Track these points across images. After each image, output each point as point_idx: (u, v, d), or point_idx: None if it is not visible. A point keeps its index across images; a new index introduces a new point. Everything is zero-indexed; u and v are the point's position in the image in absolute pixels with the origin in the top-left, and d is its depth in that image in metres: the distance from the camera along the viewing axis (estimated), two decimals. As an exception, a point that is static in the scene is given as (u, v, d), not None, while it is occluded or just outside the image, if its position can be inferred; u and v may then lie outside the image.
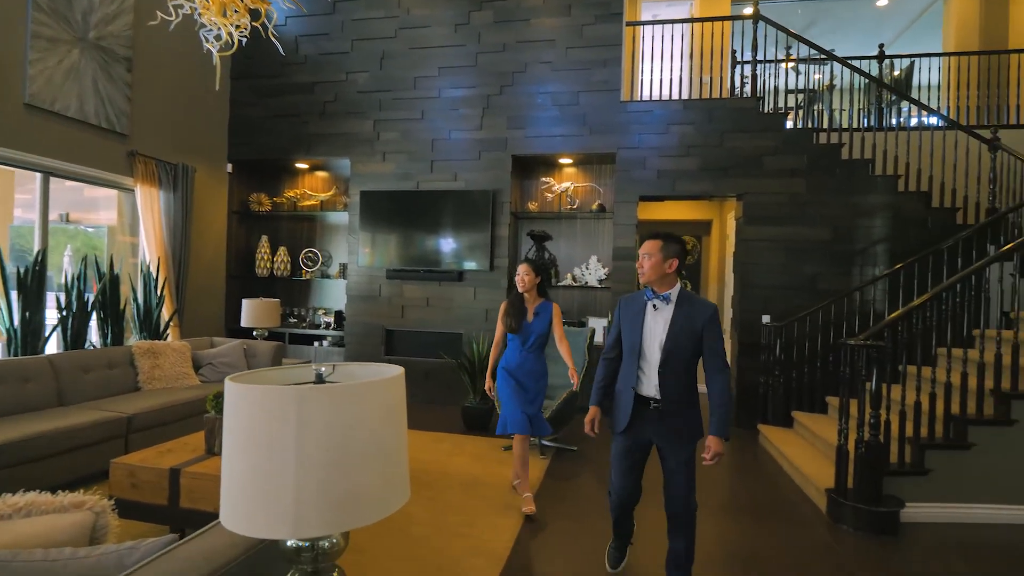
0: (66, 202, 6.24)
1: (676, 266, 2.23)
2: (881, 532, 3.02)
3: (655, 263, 2.22)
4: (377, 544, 2.72)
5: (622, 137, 5.52)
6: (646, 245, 2.26)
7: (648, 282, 2.26)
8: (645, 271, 2.24)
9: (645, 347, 2.24)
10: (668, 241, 2.23)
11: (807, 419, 4.49)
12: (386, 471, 1.05)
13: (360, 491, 1.00)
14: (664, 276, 2.23)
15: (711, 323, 2.17)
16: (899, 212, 5.04)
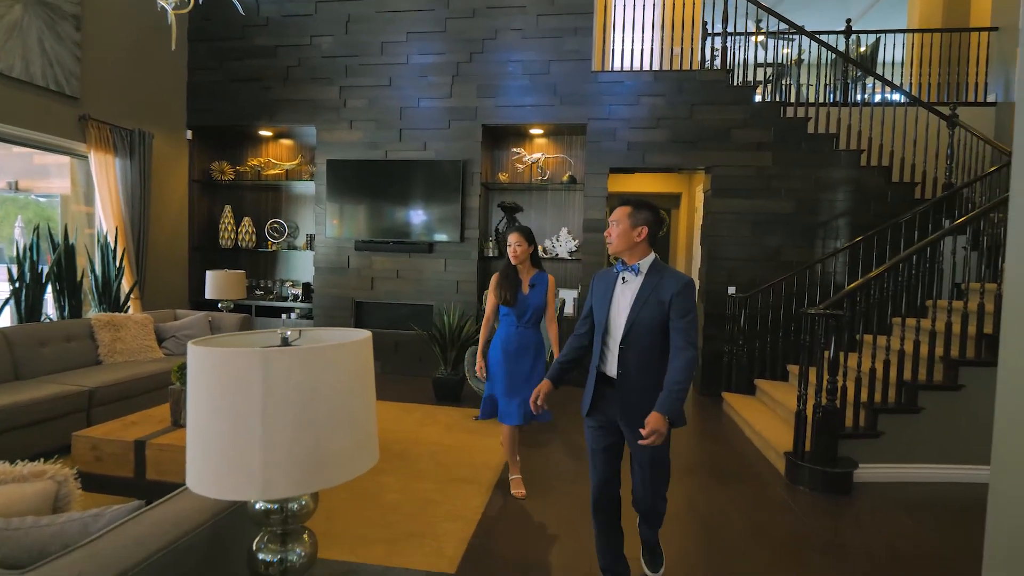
0: (14, 170, 5.92)
1: (646, 235, 2.02)
2: (835, 492, 3.18)
3: (623, 231, 2.02)
4: (350, 512, 2.74)
5: (593, 108, 5.50)
6: (614, 213, 2.08)
7: (616, 252, 2.08)
8: (612, 240, 2.06)
9: (611, 322, 2.05)
10: (637, 208, 2.04)
11: (769, 386, 4.65)
12: (354, 432, 1.06)
13: (328, 452, 1.01)
14: (634, 246, 2.03)
15: (679, 297, 1.93)
16: (861, 186, 5.17)
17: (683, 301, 1.94)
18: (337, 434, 1.02)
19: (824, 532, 2.76)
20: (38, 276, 4.18)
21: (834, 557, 2.53)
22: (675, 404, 1.89)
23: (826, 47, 5.21)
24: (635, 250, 2.05)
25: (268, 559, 1.04)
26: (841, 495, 3.18)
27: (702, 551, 2.55)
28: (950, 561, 2.51)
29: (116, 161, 5.32)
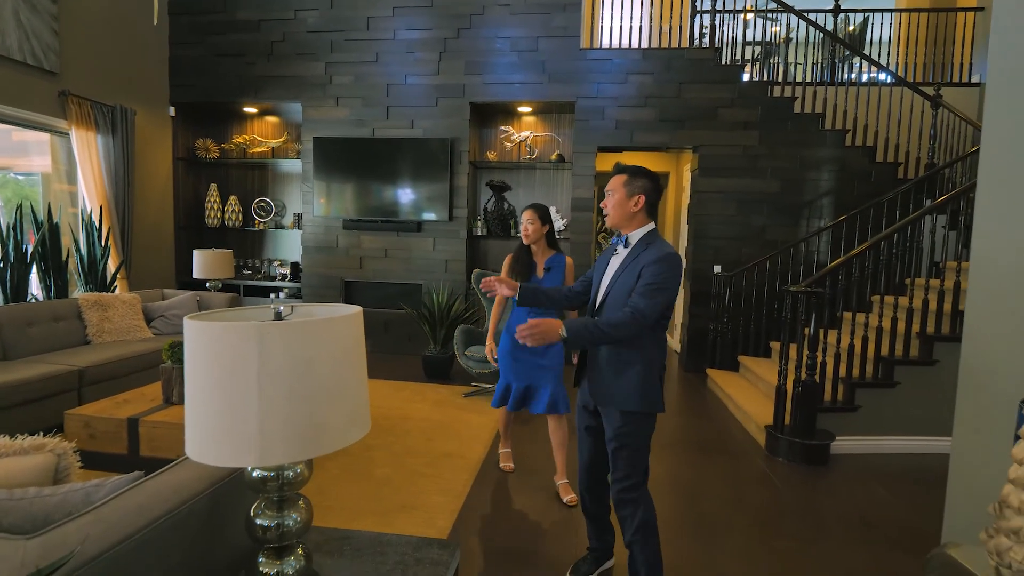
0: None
1: (643, 204, 1.88)
2: (813, 463, 3.29)
3: (618, 201, 1.89)
4: (341, 486, 2.80)
5: (581, 86, 5.48)
6: (610, 182, 1.94)
7: (613, 224, 1.94)
8: (608, 211, 1.93)
9: (597, 296, 1.98)
10: (633, 175, 1.89)
11: (752, 363, 4.75)
12: (347, 402, 1.10)
13: (322, 421, 1.05)
14: (631, 216, 1.89)
15: (650, 266, 1.78)
16: (845, 166, 5.24)
17: (652, 271, 1.78)
18: (330, 404, 1.07)
19: (801, 500, 2.87)
20: (23, 255, 4.15)
21: (810, 523, 2.63)
22: (581, 331, 1.76)
23: (814, 26, 5.22)
24: (632, 221, 1.90)
25: (266, 524, 1.09)
26: (818, 466, 3.29)
27: (684, 519, 2.64)
28: (919, 527, 2.63)
29: (98, 138, 5.23)
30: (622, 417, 1.87)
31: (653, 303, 1.76)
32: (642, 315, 1.75)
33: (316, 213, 5.96)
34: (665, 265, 1.78)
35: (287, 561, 1.11)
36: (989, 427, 1.74)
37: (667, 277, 1.78)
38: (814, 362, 3.32)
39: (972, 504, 1.69)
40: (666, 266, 1.78)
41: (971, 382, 1.73)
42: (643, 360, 1.85)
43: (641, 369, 1.84)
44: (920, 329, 3.54)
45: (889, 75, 5.24)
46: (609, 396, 1.89)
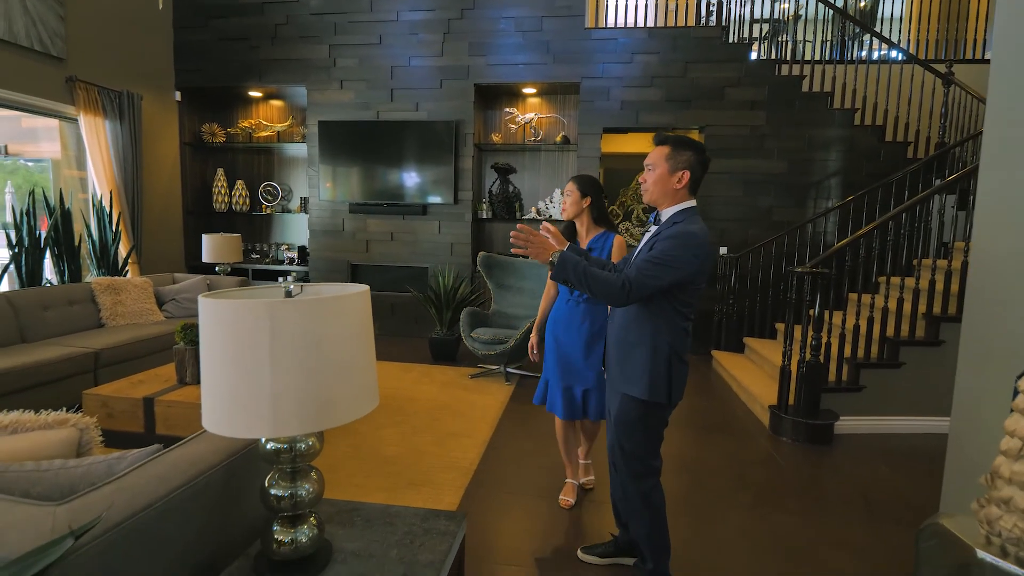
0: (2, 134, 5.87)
1: (687, 181, 1.71)
2: (817, 442, 3.33)
3: (659, 176, 1.73)
4: (350, 463, 2.86)
5: (586, 66, 5.44)
6: (650, 155, 1.76)
7: (652, 200, 1.78)
8: (648, 187, 1.76)
9: None
10: (678, 147, 1.71)
11: (757, 344, 4.77)
12: (355, 377, 1.14)
13: (332, 395, 1.09)
14: (672, 193, 1.74)
15: (662, 241, 1.66)
16: (854, 145, 5.19)
17: (662, 246, 1.65)
18: (340, 379, 1.10)
19: (803, 479, 2.91)
20: (36, 240, 4.21)
21: (811, 500, 2.68)
22: (568, 265, 1.66)
23: (825, 3, 5.14)
24: (673, 198, 1.75)
25: (280, 494, 1.13)
26: (822, 445, 3.33)
27: (688, 497, 2.69)
28: (920, 504, 2.66)
29: (106, 124, 5.27)
30: (624, 401, 1.80)
31: (646, 276, 1.63)
32: (630, 286, 1.62)
33: (322, 197, 5.99)
34: (677, 242, 1.64)
35: (300, 529, 1.16)
36: (987, 402, 1.76)
37: (675, 256, 1.63)
38: (819, 343, 3.33)
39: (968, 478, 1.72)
40: (678, 243, 1.63)
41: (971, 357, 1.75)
42: (650, 344, 1.74)
43: (646, 353, 1.74)
44: (927, 310, 3.54)
45: (900, 52, 5.16)
46: (614, 377, 1.86)
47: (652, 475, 1.86)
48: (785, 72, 5.33)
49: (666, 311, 1.73)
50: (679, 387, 1.79)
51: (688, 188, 1.75)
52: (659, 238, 1.71)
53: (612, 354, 1.88)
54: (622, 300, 1.67)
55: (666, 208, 1.78)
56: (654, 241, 1.72)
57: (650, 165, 1.78)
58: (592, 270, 1.68)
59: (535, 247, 1.71)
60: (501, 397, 4.04)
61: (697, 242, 1.66)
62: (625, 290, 1.64)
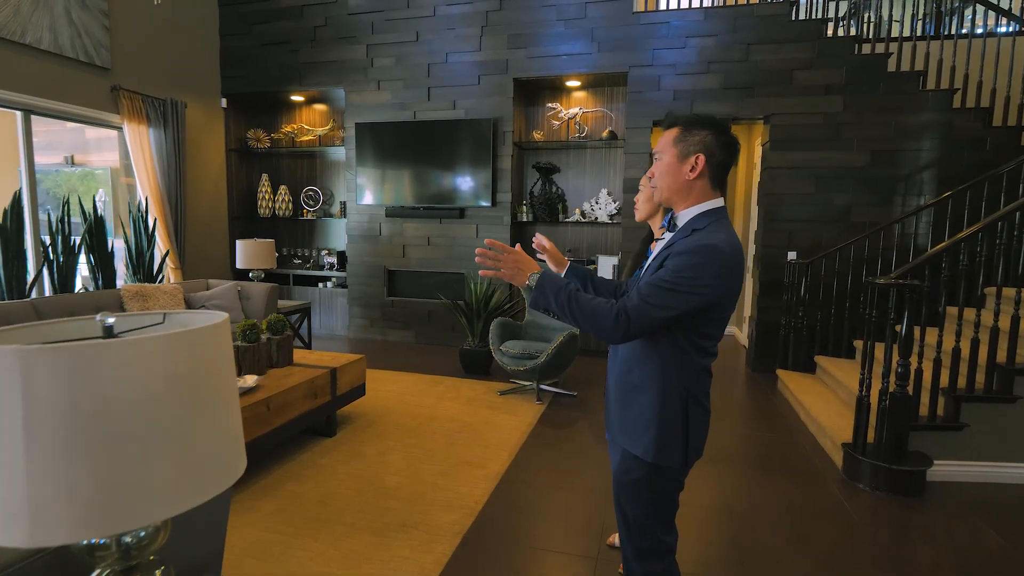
0: (69, 144, 6.10)
1: (702, 167, 1.30)
2: (903, 492, 2.72)
3: (667, 166, 1.34)
4: (345, 494, 2.57)
5: (634, 54, 4.96)
6: (658, 141, 1.38)
7: (664, 201, 1.39)
8: (656, 182, 1.39)
9: None
10: (688, 128, 1.32)
11: (831, 364, 4.12)
12: (181, 453, 0.79)
13: (133, 483, 0.74)
14: (686, 188, 1.32)
15: (676, 256, 1.25)
16: (952, 132, 4.42)
17: (675, 264, 1.24)
18: (152, 456, 0.76)
19: (884, 541, 2.34)
20: (70, 247, 4.23)
21: (895, 570, 2.12)
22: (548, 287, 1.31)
23: (914, -32, 4.42)
24: (687, 195, 1.33)
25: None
26: (910, 496, 2.71)
27: (731, 557, 2.20)
28: (1046, 587, 2.05)
29: (150, 131, 5.32)
30: (625, 458, 1.40)
31: (650, 306, 1.23)
32: (627, 318, 1.24)
33: (360, 201, 5.82)
34: (693, 259, 1.22)
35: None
36: None
37: (688, 278, 1.22)
38: (906, 370, 2.73)
39: None
40: (694, 260, 1.22)
41: None
42: (658, 388, 1.32)
43: (653, 401, 1.32)
44: (1050, 329, 2.84)
45: (1013, 21, 4.35)
46: (612, 424, 1.46)
47: (663, 555, 1.41)
48: (867, 51, 4.64)
49: (680, 344, 1.31)
50: (698, 443, 1.36)
51: (709, 180, 1.31)
52: (672, 251, 1.28)
53: (611, 394, 1.49)
54: (618, 336, 1.26)
55: (683, 209, 1.35)
56: (665, 255, 1.30)
57: (658, 153, 1.37)
58: (580, 296, 1.30)
59: (508, 266, 1.36)
60: (528, 418, 3.65)
61: (721, 259, 1.22)
62: (620, 323, 1.25)
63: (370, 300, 5.97)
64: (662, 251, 1.34)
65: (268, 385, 2.85)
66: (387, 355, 5.30)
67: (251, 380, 2.73)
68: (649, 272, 1.33)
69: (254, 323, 2.99)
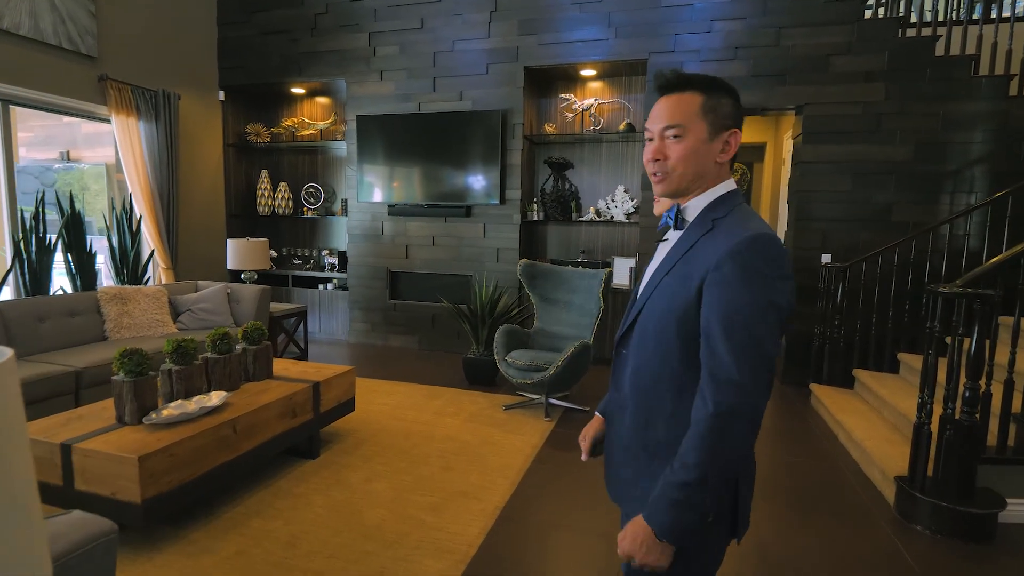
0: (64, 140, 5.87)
1: (736, 148, 1.02)
2: (970, 538, 2.31)
3: (693, 147, 0.99)
4: (320, 534, 2.23)
5: (655, 40, 4.58)
6: (665, 108, 1.00)
7: (675, 191, 1.04)
8: (671, 166, 1.01)
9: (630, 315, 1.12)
10: (713, 94, 0.99)
11: (872, 380, 3.71)
12: None
13: None
14: (715, 171, 1.02)
15: (722, 269, 0.91)
16: (1008, 122, 3.99)
17: (729, 281, 0.90)
18: None
19: (956, 604, 1.95)
20: (45, 246, 3.96)
21: (975, 652, 1.73)
22: (673, 511, 0.91)
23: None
24: (708, 179, 1.02)
25: None
26: (978, 543, 2.31)
27: (772, 626, 1.82)
28: None
29: (140, 124, 5.05)
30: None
31: (753, 358, 0.88)
32: (746, 395, 0.88)
33: (361, 198, 5.51)
34: (755, 260, 0.89)
35: None
36: None
37: (762, 289, 0.89)
38: (975, 394, 2.32)
39: None
40: (757, 262, 0.89)
41: None
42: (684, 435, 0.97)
43: None
44: None
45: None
46: (620, 491, 1.11)
47: None
48: (911, 34, 4.21)
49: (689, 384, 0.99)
50: (746, 511, 1.02)
51: (729, 161, 1.04)
52: (712, 257, 0.93)
53: (617, 451, 1.11)
54: (739, 436, 0.90)
55: (696, 197, 1.04)
56: (700, 266, 0.95)
57: (676, 126, 0.99)
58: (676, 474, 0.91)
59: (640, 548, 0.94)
60: (534, 439, 3.29)
61: (778, 250, 0.92)
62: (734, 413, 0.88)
63: (371, 303, 5.66)
64: (680, 256, 1.01)
65: (238, 403, 2.52)
66: (387, 362, 4.98)
67: (216, 398, 2.41)
68: (672, 277, 1.00)
69: (226, 331, 2.67)
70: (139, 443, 2.07)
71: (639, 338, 1.05)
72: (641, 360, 1.04)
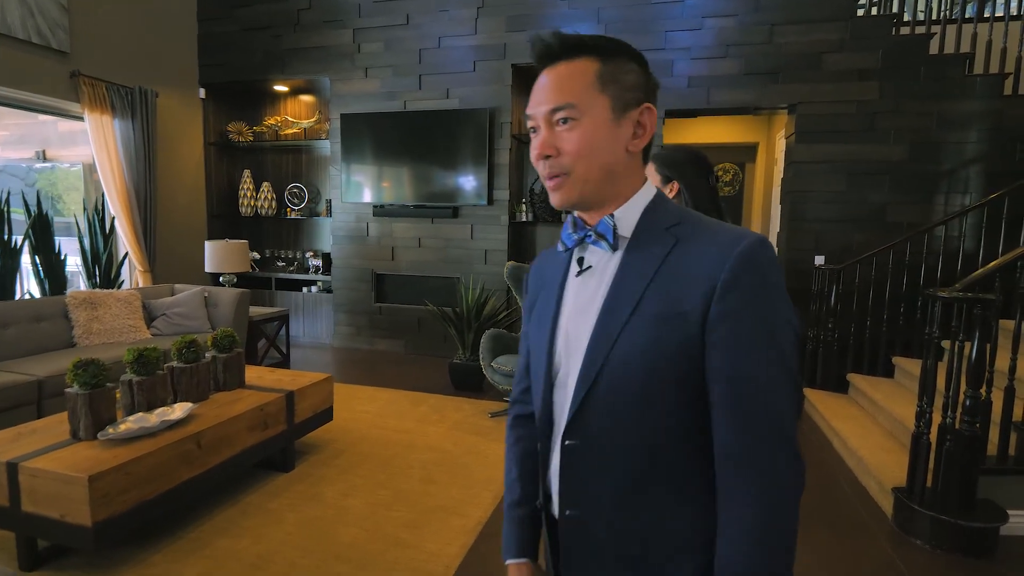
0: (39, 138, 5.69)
1: (651, 132, 0.75)
2: (971, 552, 2.22)
3: (593, 130, 0.71)
4: (287, 553, 2.10)
5: (645, 37, 4.47)
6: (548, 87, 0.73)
7: (581, 199, 0.75)
8: (567, 163, 0.73)
9: (555, 374, 0.81)
10: (613, 58, 0.73)
11: (867, 384, 3.62)
12: None
13: None
14: (628, 166, 0.76)
15: (738, 288, 0.67)
16: (1003, 122, 3.92)
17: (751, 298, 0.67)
18: None
19: (959, 626, 1.85)
20: (10, 248, 3.80)
21: None
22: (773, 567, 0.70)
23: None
24: (623, 178, 0.76)
25: None
26: (979, 558, 2.21)
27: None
28: None
29: (115, 122, 4.88)
30: None
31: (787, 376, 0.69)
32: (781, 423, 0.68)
33: (345, 199, 5.37)
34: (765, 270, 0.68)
35: None
36: None
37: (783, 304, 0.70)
38: (976, 402, 2.23)
39: None
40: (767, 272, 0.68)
41: None
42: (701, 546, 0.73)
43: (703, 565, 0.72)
44: None
45: (1073, -5, 3.84)
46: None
47: None
48: (906, 32, 4.14)
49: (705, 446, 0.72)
50: None
51: (640, 152, 0.77)
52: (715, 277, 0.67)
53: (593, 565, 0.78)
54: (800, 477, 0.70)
55: (620, 204, 0.76)
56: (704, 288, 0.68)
57: (565, 107, 0.71)
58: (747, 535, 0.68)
59: None
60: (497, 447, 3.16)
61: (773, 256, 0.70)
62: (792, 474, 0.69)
63: (356, 306, 5.52)
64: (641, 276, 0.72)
65: (205, 415, 2.39)
66: (372, 367, 4.84)
67: (179, 410, 2.27)
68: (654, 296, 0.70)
69: (193, 339, 2.53)
70: (91, 461, 1.93)
71: (601, 411, 0.73)
72: (614, 449, 0.73)
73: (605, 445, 0.74)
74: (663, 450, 0.72)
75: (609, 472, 0.74)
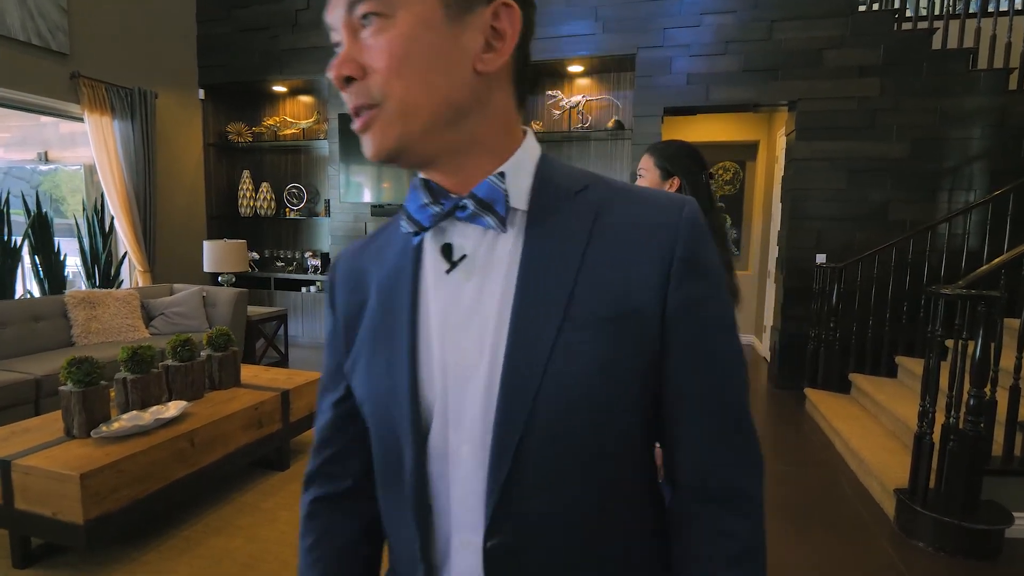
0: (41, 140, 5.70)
1: (512, 37, 0.50)
2: (975, 555, 2.18)
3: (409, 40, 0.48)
4: (279, 553, 2.08)
5: (643, 34, 4.45)
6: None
7: (395, 144, 0.52)
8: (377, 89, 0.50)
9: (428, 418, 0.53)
10: None
11: (869, 384, 3.58)
12: None
13: None
14: (475, 90, 0.50)
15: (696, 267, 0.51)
16: (1008, 118, 3.88)
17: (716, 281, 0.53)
18: None
19: (962, 628, 1.82)
20: (10, 248, 3.80)
21: None
22: None
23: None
24: (468, 122, 0.52)
25: None
26: (983, 560, 2.18)
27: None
28: None
29: (115, 123, 4.88)
30: None
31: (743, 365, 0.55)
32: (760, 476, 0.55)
33: (343, 199, 5.36)
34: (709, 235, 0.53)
35: None
36: None
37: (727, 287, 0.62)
38: (980, 402, 2.19)
39: None
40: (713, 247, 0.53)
41: None
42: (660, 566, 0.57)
43: None
44: None
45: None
46: None
47: None
48: (907, 27, 4.10)
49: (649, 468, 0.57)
50: None
51: (513, 82, 0.54)
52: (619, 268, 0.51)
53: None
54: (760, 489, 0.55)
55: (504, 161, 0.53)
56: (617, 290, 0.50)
57: (364, 3, 0.48)
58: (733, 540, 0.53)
59: None
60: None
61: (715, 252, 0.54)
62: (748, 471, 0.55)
63: (355, 306, 5.50)
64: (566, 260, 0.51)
65: (199, 413, 2.37)
66: (370, 367, 4.82)
67: (173, 408, 2.26)
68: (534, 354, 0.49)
69: (188, 338, 2.52)
70: (84, 459, 1.92)
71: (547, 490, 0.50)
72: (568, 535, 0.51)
73: (554, 535, 0.50)
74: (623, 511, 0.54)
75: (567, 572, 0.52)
